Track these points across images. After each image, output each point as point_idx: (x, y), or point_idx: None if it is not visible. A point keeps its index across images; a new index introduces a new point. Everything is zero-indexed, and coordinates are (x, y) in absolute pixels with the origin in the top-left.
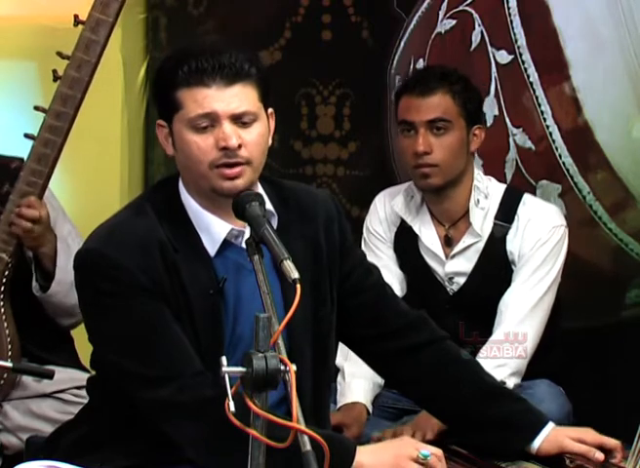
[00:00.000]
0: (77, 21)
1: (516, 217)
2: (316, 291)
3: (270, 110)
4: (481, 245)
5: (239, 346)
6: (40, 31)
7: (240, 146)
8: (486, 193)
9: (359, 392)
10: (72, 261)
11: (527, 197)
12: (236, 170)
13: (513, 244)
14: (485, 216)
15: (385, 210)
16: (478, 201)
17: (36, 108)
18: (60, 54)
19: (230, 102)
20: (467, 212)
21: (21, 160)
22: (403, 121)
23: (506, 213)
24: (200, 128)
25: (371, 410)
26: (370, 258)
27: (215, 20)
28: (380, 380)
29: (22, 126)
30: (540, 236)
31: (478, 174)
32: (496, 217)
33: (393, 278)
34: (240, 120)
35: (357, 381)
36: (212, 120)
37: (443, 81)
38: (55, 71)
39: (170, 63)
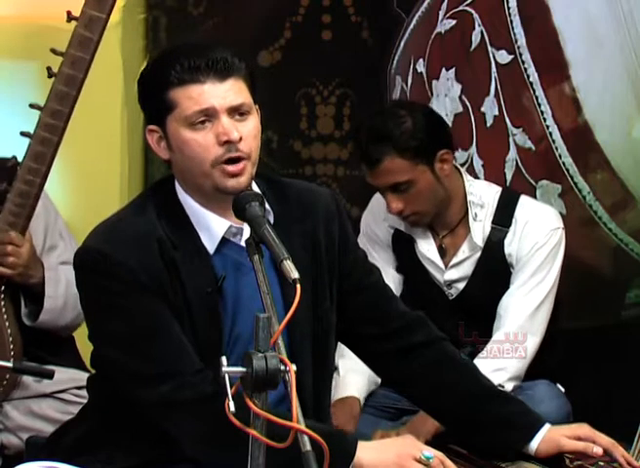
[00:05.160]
0: (70, 18)
1: (513, 221)
2: (315, 287)
3: (256, 106)
4: (479, 251)
5: (237, 344)
6: (34, 29)
7: (240, 139)
8: (481, 203)
9: (352, 386)
10: (61, 287)
11: (523, 199)
12: (240, 166)
13: (511, 247)
14: (483, 225)
15: (382, 210)
16: (476, 215)
17: (31, 106)
18: (53, 50)
19: (226, 96)
20: (463, 218)
21: (16, 158)
22: (369, 182)
23: (503, 216)
24: (198, 124)
25: (362, 405)
26: None
27: (215, 20)
28: (377, 378)
29: (17, 124)
30: (538, 239)
31: (471, 186)
32: (493, 221)
33: (388, 280)
34: (237, 112)
35: (352, 376)
36: (209, 116)
37: (385, 146)
38: (49, 68)
39: (159, 65)
